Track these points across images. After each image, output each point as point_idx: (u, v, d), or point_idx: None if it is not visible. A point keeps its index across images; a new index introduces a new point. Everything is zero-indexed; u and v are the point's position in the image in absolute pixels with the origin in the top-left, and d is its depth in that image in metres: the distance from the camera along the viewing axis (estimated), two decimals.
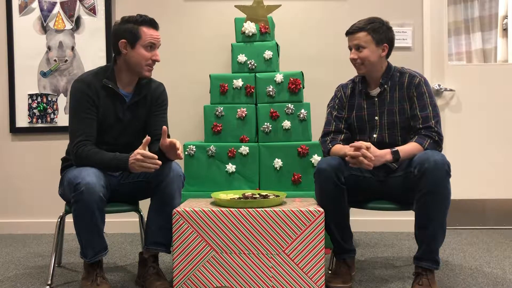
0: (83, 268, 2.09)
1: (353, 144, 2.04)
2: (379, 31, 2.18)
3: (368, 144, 2.03)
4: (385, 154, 2.06)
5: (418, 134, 2.13)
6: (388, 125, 2.22)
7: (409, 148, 2.09)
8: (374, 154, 2.01)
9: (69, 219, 2.46)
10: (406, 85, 2.20)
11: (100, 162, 2.03)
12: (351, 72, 2.38)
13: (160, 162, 1.98)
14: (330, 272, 2.26)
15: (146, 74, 2.17)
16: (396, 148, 2.08)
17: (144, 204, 2.30)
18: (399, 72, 2.25)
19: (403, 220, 3.26)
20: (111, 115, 2.15)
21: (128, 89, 2.21)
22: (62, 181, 2.20)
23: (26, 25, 3.43)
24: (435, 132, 2.10)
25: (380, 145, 2.15)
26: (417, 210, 2.01)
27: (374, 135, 2.23)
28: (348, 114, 2.30)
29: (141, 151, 1.97)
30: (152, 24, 2.14)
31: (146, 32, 2.11)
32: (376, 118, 2.23)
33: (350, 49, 2.24)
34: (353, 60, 2.22)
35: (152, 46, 2.13)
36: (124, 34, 2.11)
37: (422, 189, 1.95)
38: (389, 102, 2.22)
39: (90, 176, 1.92)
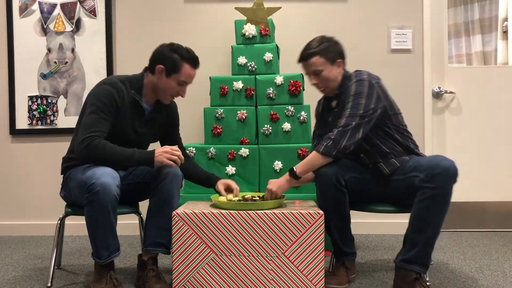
0: (94, 271, 2.05)
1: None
2: (329, 50, 2.16)
3: (267, 189, 2.14)
4: (284, 178, 2.13)
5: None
6: None
7: (307, 159, 2.10)
8: (273, 188, 2.11)
9: (69, 221, 2.46)
10: (346, 89, 2.17)
11: (121, 154, 2.00)
12: None
13: (183, 158, 2.07)
14: (329, 272, 2.26)
15: (166, 102, 2.24)
16: (294, 166, 2.11)
17: (144, 206, 2.30)
18: (348, 78, 2.21)
19: (404, 223, 3.21)
20: (128, 126, 2.16)
21: (149, 103, 2.24)
22: (67, 183, 2.17)
23: (26, 27, 3.44)
24: (337, 128, 2.05)
25: (361, 150, 2.17)
26: (416, 212, 1.97)
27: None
28: (325, 130, 2.30)
29: (168, 146, 2.05)
30: (195, 64, 2.19)
31: (187, 70, 2.15)
32: None
33: (308, 75, 2.22)
34: (315, 85, 2.22)
35: (185, 83, 2.19)
36: (166, 61, 2.14)
37: (426, 192, 1.92)
38: (341, 109, 2.16)
39: (104, 176, 1.91)
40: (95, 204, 1.91)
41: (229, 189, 2.30)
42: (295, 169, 2.10)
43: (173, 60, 2.13)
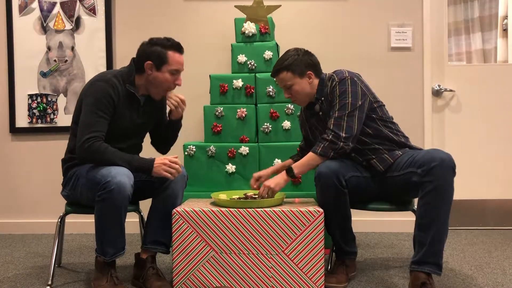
0: (95, 269, 2.06)
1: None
2: (296, 64, 2.18)
3: (261, 174, 2.31)
4: (281, 177, 2.14)
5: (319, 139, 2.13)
6: None
7: (304, 160, 2.12)
8: (271, 185, 2.12)
9: (69, 219, 2.47)
10: (329, 91, 2.19)
11: (119, 158, 2.00)
12: None
13: (181, 170, 2.07)
14: (328, 270, 2.26)
15: (157, 98, 2.22)
16: (291, 165, 2.12)
17: (144, 205, 2.30)
18: (329, 79, 2.22)
19: (403, 221, 3.26)
20: (126, 118, 2.16)
21: (142, 93, 2.23)
22: (71, 182, 2.16)
23: (26, 25, 3.43)
24: (330, 131, 2.08)
25: (352, 149, 2.15)
26: (420, 209, 1.95)
27: None
28: (313, 136, 2.33)
29: (168, 158, 2.05)
30: (179, 49, 2.17)
31: (174, 57, 2.14)
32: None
33: (282, 88, 2.27)
34: (289, 99, 2.26)
35: (177, 72, 2.17)
36: (151, 56, 2.13)
37: (427, 187, 1.91)
38: (328, 112, 2.19)
39: (120, 175, 1.91)
40: (108, 202, 1.91)
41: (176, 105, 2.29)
42: (293, 170, 2.11)
43: (157, 52, 2.13)
